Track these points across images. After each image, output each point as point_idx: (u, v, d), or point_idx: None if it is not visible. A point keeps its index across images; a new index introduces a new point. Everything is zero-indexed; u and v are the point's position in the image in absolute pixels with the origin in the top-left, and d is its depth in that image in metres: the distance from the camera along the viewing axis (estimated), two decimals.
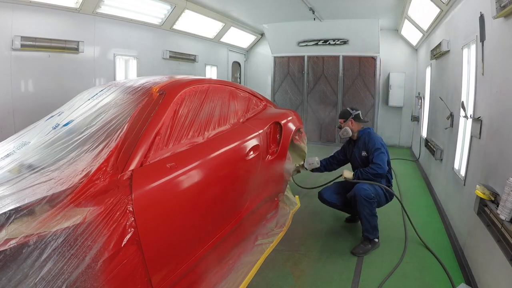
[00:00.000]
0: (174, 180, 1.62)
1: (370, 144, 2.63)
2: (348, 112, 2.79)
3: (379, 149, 2.58)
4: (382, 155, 2.56)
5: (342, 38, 6.27)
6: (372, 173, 2.53)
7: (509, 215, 1.50)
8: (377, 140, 2.65)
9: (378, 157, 2.55)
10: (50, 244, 1.07)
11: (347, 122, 2.77)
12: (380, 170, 2.52)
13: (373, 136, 2.70)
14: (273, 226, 2.78)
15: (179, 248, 1.67)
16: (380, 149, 2.59)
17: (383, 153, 2.58)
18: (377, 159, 2.55)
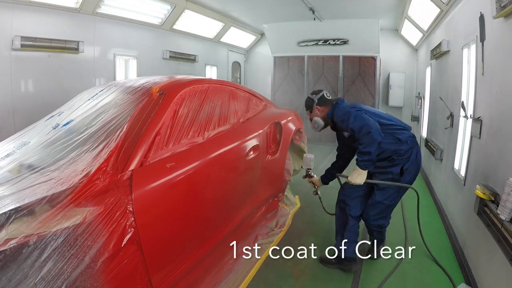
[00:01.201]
0: (174, 180, 1.62)
1: (342, 120, 2.09)
2: (310, 100, 2.35)
3: (350, 116, 2.01)
4: (359, 120, 1.97)
5: (342, 38, 6.27)
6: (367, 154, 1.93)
7: (509, 215, 1.50)
8: (344, 109, 2.12)
9: (355, 125, 1.96)
10: (50, 244, 1.07)
11: (314, 111, 2.34)
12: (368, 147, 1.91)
13: (340, 109, 2.16)
14: (273, 226, 2.78)
15: (179, 248, 1.67)
16: (350, 113, 2.02)
17: (358, 116, 1.99)
18: (359, 133, 1.94)
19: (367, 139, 1.91)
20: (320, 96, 2.32)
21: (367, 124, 1.93)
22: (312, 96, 2.35)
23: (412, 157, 2.10)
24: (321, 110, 2.32)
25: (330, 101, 2.31)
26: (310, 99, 2.37)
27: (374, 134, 1.90)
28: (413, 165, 2.12)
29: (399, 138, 2.08)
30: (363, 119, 1.96)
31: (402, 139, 2.08)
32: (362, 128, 1.93)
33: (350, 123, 1.99)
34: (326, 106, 2.29)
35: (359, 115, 2.00)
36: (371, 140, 1.91)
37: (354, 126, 1.96)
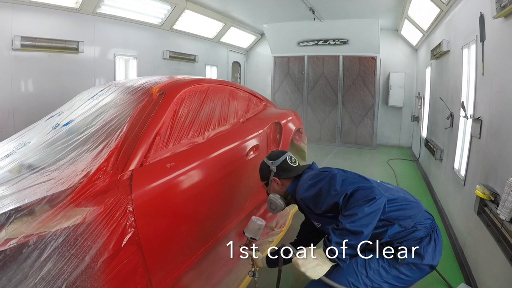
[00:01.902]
0: (174, 180, 1.62)
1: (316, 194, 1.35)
2: (265, 168, 1.64)
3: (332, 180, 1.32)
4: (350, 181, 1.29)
5: (342, 38, 6.27)
6: (354, 235, 1.17)
7: (509, 215, 1.50)
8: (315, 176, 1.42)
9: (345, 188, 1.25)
10: (50, 244, 1.07)
11: (271, 184, 1.62)
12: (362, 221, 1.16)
13: (306, 178, 1.45)
14: (273, 226, 2.78)
15: (179, 248, 1.67)
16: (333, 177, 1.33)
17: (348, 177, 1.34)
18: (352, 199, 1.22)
19: (364, 209, 1.16)
20: (281, 161, 1.61)
21: (367, 187, 1.22)
22: (271, 162, 1.63)
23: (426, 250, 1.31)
24: (281, 184, 1.60)
25: (296, 169, 1.60)
26: (265, 166, 1.65)
27: (380, 200, 1.19)
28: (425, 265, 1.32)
29: (403, 225, 1.31)
30: (359, 181, 1.31)
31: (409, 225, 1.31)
32: (357, 191, 1.22)
33: (336, 190, 1.26)
34: (288, 178, 1.59)
35: (349, 176, 1.35)
36: (373, 211, 1.17)
37: (342, 190, 1.24)
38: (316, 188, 1.36)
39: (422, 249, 1.29)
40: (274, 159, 1.63)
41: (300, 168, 1.62)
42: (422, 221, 1.33)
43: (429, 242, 1.31)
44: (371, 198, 1.18)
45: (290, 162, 1.63)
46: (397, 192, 1.41)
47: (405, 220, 1.30)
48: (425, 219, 1.34)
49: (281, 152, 1.69)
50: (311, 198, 1.37)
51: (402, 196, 1.39)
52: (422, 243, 1.30)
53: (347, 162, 5.33)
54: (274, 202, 1.59)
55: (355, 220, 1.16)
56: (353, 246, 1.18)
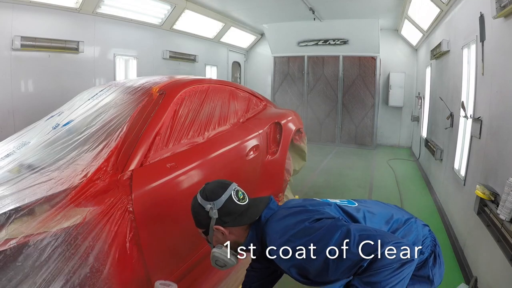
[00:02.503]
0: (174, 180, 1.62)
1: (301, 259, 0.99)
2: (201, 212, 1.15)
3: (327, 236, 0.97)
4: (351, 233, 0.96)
5: (342, 38, 6.27)
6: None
7: (509, 215, 1.50)
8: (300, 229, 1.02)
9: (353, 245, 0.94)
10: (50, 244, 1.07)
11: (214, 234, 1.17)
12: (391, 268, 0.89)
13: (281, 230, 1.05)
14: None
15: (179, 248, 1.67)
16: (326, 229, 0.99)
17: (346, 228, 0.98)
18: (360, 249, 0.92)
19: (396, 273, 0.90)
20: (223, 203, 1.14)
21: (401, 244, 0.92)
22: (207, 204, 1.14)
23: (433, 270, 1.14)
24: (228, 233, 1.15)
25: (248, 212, 1.15)
26: (200, 210, 1.16)
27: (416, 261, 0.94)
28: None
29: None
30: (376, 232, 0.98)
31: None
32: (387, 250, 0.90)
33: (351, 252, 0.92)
34: (236, 227, 1.15)
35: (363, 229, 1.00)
36: (404, 276, 0.91)
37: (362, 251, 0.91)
38: (315, 251, 0.96)
39: (430, 272, 1.12)
40: (214, 198, 1.14)
41: (254, 208, 1.16)
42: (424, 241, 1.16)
43: (435, 262, 1.15)
44: (408, 261, 0.90)
45: (237, 199, 1.15)
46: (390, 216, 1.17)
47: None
48: (425, 237, 1.17)
49: (221, 185, 1.20)
50: (312, 266, 0.97)
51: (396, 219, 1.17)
52: (428, 265, 1.13)
53: (347, 162, 5.34)
54: (222, 259, 1.16)
55: (391, 279, 0.89)
56: None
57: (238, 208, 1.14)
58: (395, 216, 1.17)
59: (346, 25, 6.00)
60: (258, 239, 1.13)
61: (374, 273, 0.90)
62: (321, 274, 0.97)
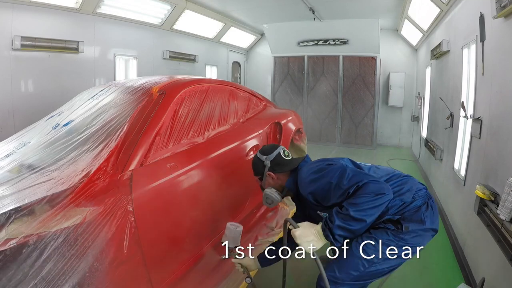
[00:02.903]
0: (174, 180, 1.62)
1: (323, 189, 1.37)
2: (259, 162, 1.63)
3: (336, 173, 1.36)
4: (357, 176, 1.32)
5: (342, 38, 6.27)
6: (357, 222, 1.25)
7: (509, 215, 1.50)
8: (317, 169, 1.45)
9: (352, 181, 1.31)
10: (50, 244, 1.07)
11: (266, 179, 1.62)
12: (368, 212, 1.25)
13: (308, 171, 1.47)
14: (273, 226, 2.78)
15: (179, 248, 1.67)
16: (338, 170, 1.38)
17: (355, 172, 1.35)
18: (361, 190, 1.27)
19: (374, 201, 1.24)
20: (274, 156, 1.60)
21: (375, 181, 1.29)
22: (264, 156, 1.61)
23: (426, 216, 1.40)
24: (276, 178, 1.61)
25: (290, 163, 1.60)
26: (258, 162, 1.63)
27: (388, 196, 1.27)
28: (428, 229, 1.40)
29: (403, 198, 1.40)
30: (364, 174, 1.36)
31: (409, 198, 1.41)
32: (367, 184, 1.27)
33: (343, 182, 1.31)
34: (284, 172, 1.59)
35: (353, 169, 1.40)
36: (380, 204, 1.26)
37: (354, 182, 1.29)
38: (322, 182, 1.39)
39: (422, 215, 1.40)
40: (268, 153, 1.62)
41: (295, 161, 1.62)
42: (418, 192, 1.45)
43: (427, 209, 1.43)
44: (381, 193, 1.26)
45: (284, 156, 1.62)
46: (392, 171, 1.52)
47: (404, 195, 1.41)
48: (420, 189, 1.46)
49: (273, 146, 1.68)
50: (319, 191, 1.40)
51: (397, 173, 1.50)
52: (421, 210, 1.41)
53: None
54: (270, 196, 1.60)
55: (361, 209, 1.24)
56: (353, 231, 1.27)
57: (284, 161, 1.61)
58: (396, 172, 1.52)
59: (346, 25, 5.99)
60: (294, 182, 1.54)
61: (356, 197, 1.26)
62: (326, 198, 1.37)
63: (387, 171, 1.51)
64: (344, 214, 1.25)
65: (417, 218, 1.39)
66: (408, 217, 1.39)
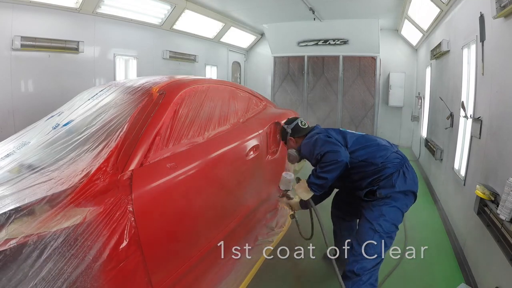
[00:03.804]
0: (174, 180, 1.62)
1: (310, 152, 1.91)
2: (284, 130, 2.21)
3: (316, 143, 1.85)
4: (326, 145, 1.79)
5: (342, 38, 6.27)
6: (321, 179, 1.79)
7: (509, 215, 1.50)
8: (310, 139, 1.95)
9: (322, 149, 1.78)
10: (50, 244, 1.07)
11: (289, 143, 2.20)
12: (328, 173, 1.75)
13: (306, 140, 2.01)
14: (273, 226, 2.78)
15: (179, 248, 1.67)
16: (317, 140, 1.86)
17: (325, 141, 1.82)
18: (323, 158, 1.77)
19: (330, 166, 1.73)
20: (294, 125, 2.17)
21: (335, 151, 1.73)
22: (287, 126, 2.19)
23: (396, 181, 1.76)
24: (295, 141, 2.16)
25: (305, 130, 2.13)
26: (283, 130, 2.22)
27: (341, 162, 1.71)
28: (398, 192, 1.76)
29: (374, 162, 1.79)
30: (332, 144, 1.78)
31: (379, 163, 1.79)
32: (328, 153, 1.73)
33: (316, 150, 1.81)
34: (300, 136, 2.14)
35: (327, 140, 1.82)
36: (334, 168, 1.73)
37: (321, 151, 1.77)
38: (309, 146, 1.91)
39: (393, 181, 1.75)
40: (289, 123, 2.19)
41: (307, 129, 2.13)
42: (391, 160, 1.79)
43: (399, 175, 1.76)
44: (334, 159, 1.72)
45: (301, 125, 2.17)
46: (374, 141, 1.90)
47: (374, 159, 1.79)
48: (394, 158, 1.80)
49: (294, 118, 2.25)
50: (307, 153, 1.94)
51: (377, 143, 1.88)
52: (392, 177, 1.75)
53: None
54: (292, 154, 2.13)
55: (324, 171, 1.75)
56: (322, 185, 1.79)
57: (300, 129, 2.16)
58: (378, 141, 1.92)
59: (346, 25, 5.99)
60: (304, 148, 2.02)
61: (321, 162, 1.76)
62: (311, 159, 1.90)
63: (369, 141, 1.89)
64: (315, 174, 1.80)
65: (388, 184, 1.75)
66: (381, 184, 1.76)
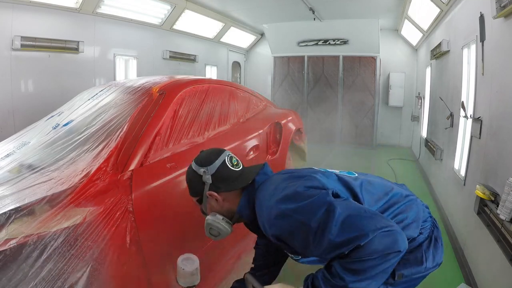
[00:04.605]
0: (174, 180, 1.62)
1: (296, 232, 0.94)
2: (195, 178, 1.16)
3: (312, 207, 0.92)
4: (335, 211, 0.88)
5: (342, 38, 6.27)
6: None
7: (509, 215, 1.50)
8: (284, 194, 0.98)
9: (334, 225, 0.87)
10: (50, 244, 1.07)
11: (207, 201, 1.17)
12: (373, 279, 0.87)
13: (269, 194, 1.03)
14: None
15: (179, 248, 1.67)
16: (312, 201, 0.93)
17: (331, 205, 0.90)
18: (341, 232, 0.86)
19: (382, 265, 0.86)
20: (217, 168, 1.14)
21: (390, 232, 0.86)
22: (199, 169, 1.15)
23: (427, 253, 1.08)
24: (222, 200, 1.15)
25: (241, 176, 1.15)
26: (194, 176, 1.16)
27: (402, 253, 0.87)
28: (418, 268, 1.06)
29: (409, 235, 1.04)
30: (376, 216, 0.90)
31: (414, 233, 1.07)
32: (375, 239, 0.84)
33: (333, 231, 0.87)
34: (233, 190, 1.15)
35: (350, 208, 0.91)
36: (390, 265, 0.87)
37: (349, 238, 0.85)
38: (293, 219, 0.92)
39: (424, 254, 1.07)
40: (208, 164, 1.13)
41: (247, 173, 1.15)
42: (424, 223, 1.11)
43: (430, 244, 1.09)
44: (394, 251, 0.84)
45: (231, 165, 1.15)
46: (390, 189, 1.12)
47: (409, 228, 1.04)
48: (426, 218, 1.13)
49: (215, 151, 1.18)
50: (290, 236, 0.95)
51: (396, 193, 1.11)
52: (422, 248, 1.08)
53: (347, 162, 5.33)
54: (216, 226, 1.15)
55: (365, 278, 0.85)
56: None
57: (232, 174, 1.14)
58: (395, 189, 1.12)
59: (346, 25, 5.99)
60: (249, 206, 1.10)
61: (357, 260, 0.85)
62: (301, 247, 0.95)
63: (384, 190, 1.09)
64: (338, 286, 0.87)
65: (414, 258, 1.06)
66: (404, 258, 1.01)
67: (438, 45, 3.58)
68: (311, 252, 0.93)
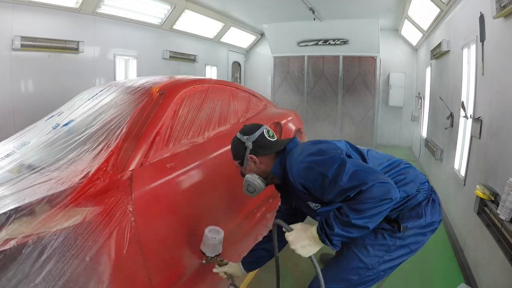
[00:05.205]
0: (174, 180, 1.62)
1: (315, 179, 1.19)
2: (239, 144, 1.43)
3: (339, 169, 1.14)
4: (361, 174, 1.12)
5: (342, 38, 6.26)
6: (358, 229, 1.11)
7: (509, 215, 1.50)
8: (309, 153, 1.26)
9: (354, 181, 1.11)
10: (50, 244, 1.07)
11: (247, 164, 1.43)
12: (370, 219, 1.10)
13: (298, 156, 1.27)
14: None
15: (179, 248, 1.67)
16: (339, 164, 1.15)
17: (357, 168, 1.14)
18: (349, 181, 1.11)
19: (378, 207, 1.08)
20: (257, 137, 1.40)
21: (383, 182, 1.09)
22: (245, 137, 1.41)
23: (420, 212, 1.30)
24: (259, 162, 1.40)
25: (276, 144, 1.40)
26: (239, 143, 1.43)
27: (394, 200, 1.10)
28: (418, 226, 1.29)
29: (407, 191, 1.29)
30: (373, 171, 1.15)
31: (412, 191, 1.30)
32: (373, 187, 1.07)
33: (342, 177, 1.11)
34: (267, 154, 1.40)
35: (357, 163, 1.18)
36: (385, 209, 1.10)
37: (355, 184, 1.09)
38: (315, 172, 1.18)
39: (423, 210, 1.30)
40: (250, 133, 1.40)
41: (280, 143, 1.41)
42: (422, 185, 1.34)
43: (428, 203, 1.32)
44: (387, 198, 1.08)
45: (268, 136, 1.41)
46: (392, 158, 1.38)
47: (407, 185, 1.28)
48: (424, 182, 1.35)
49: (256, 125, 1.45)
50: (312, 183, 1.20)
51: (397, 160, 1.37)
52: (421, 205, 1.31)
53: None
54: (253, 183, 1.39)
55: (365, 216, 1.08)
56: (352, 238, 1.15)
57: (269, 142, 1.41)
58: (396, 158, 1.39)
59: (346, 25, 5.99)
60: (281, 166, 1.35)
61: (358, 202, 1.09)
62: (319, 192, 1.21)
63: (386, 158, 1.36)
64: (344, 221, 1.10)
65: (415, 214, 1.29)
66: (407, 214, 1.28)
67: (438, 45, 3.58)
68: (326, 196, 1.18)
